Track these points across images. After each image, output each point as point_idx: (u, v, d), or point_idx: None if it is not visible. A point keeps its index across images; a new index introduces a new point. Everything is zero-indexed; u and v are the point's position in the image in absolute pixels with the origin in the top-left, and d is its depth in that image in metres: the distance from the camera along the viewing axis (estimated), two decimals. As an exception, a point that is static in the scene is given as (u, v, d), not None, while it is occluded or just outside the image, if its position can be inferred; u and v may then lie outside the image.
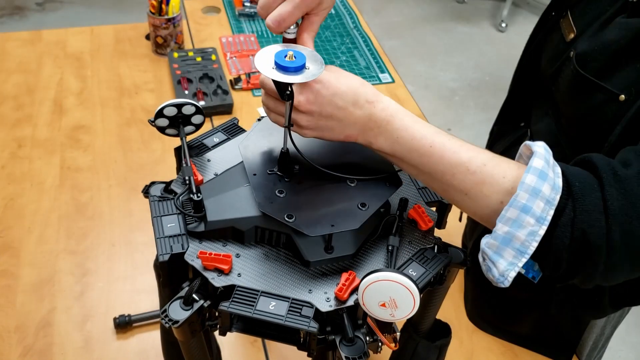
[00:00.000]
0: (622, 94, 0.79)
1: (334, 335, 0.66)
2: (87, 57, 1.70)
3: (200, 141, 0.82)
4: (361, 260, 0.71)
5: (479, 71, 3.53)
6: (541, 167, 0.62)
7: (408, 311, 0.62)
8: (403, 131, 0.69)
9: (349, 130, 0.70)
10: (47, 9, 3.66)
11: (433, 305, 0.81)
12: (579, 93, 0.86)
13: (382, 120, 0.69)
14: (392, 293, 0.60)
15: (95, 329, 1.08)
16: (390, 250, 0.71)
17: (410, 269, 0.69)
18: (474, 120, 3.17)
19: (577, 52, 0.87)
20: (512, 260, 0.64)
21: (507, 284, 0.65)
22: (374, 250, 0.72)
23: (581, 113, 0.87)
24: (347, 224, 0.69)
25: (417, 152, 0.68)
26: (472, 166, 0.66)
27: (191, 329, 0.66)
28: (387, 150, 0.71)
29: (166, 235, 0.69)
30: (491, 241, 0.65)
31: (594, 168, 0.65)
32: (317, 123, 0.69)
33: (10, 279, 1.14)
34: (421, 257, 0.71)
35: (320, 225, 0.68)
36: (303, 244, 0.69)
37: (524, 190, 0.61)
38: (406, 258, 0.71)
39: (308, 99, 0.67)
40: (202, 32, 1.82)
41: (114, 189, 1.34)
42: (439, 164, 0.67)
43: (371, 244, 0.73)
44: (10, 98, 1.54)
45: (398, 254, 0.72)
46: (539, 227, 0.62)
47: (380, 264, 0.71)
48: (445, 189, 0.69)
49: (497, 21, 3.90)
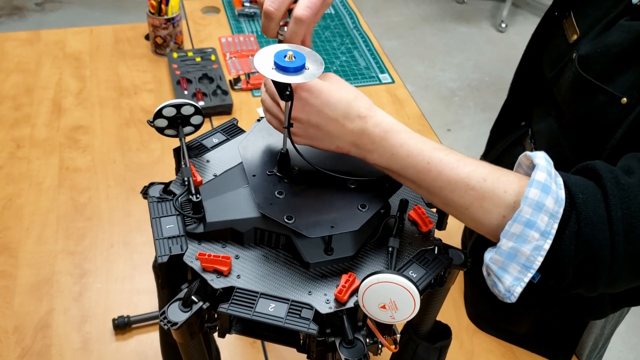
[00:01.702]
0: (624, 97, 0.79)
1: (333, 337, 0.66)
2: (86, 57, 1.70)
3: (199, 142, 0.82)
4: (361, 262, 0.70)
5: (478, 71, 3.52)
6: (544, 181, 0.62)
7: (408, 313, 0.61)
8: (398, 148, 0.67)
9: (339, 143, 0.69)
10: (46, 9, 3.65)
11: (433, 307, 0.81)
12: (581, 95, 0.86)
13: (376, 137, 0.67)
14: (392, 295, 0.60)
15: (94, 330, 1.08)
16: (390, 251, 0.71)
17: (411, 271, 0.69)
18: (473, 121, 3.17)
19: (580, 54, 0.86)
20: (518, 275, 0.63)
21: (514, 300, 0.64)
22: (374, 252, 0.72)
23: (583, 115, 0.86)
24: (347, 226, 0.69)
25: (414, 169, 0.67)
26: (471, 181, 0.65)
27: (190, 331, 0.66)
28: (382, 165, 0.70)
29: (165, 236, 0.69)
30: (495, 256, 0.64)
31: (597, 177, 0.65)
32: (305, 130, 0.68)
33: (9, 280, 1.14)
34: (421, 259, 0.70)
35: (319, 226, 0.68)
36: (303, 245, 0.68)
37: (528, 205, 0.61)
38: (406, 260, 0.71)
39: (295, 106, 0.66)
40: (201, 33, 1.82)
41: (113, 190, 1.33)
42: (437, 180, 0.66)
43: (371, 246, 0.73)
44: (9, 98, 1.54)
45: (398, 255, 0.71)
46: (544, 242, 0.62)
47: (380, 266, 0.71)
48: (445, 203, 0.68)
49: (497, 21, 3.90)
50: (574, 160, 0.87)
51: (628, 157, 0.69)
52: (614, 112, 0.80)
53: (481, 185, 0.65)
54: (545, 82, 1.00)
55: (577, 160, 0.87)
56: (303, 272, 0.69)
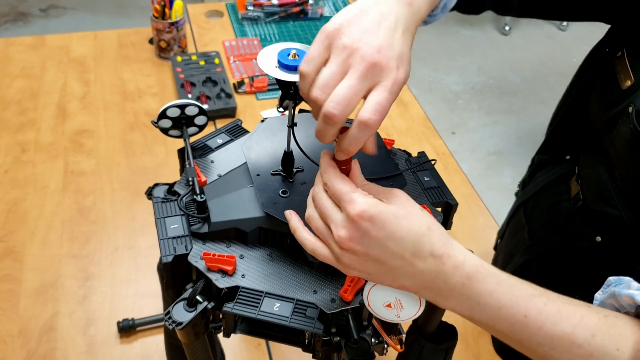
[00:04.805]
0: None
1: (339, 336, 0.65)
2: (91, 62, 1.71)
3: (203, 142, 0.82)
4: (366, 261, 0.70)
5: (482, 75, 3.52)
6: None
7: (414, 312, 0.61)
8: (487, 297, 0.55)
9: (404, 281, 0.56)
10: (50, 15, 3.67)
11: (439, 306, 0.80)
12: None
13: (456, 283, 0.55)
14: (398, 293, 0.59)
15: (99, 334, 1.08)
16: (396, 251, 0.70)
17: (416, 270, 0.68)
18: (478, 124, 3.16)
19: (637, 108, 0.74)
20: None
21: None
22: (379, 251, 0.72)
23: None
24: (352, 225, 0.68)
25: (506, 322, 0.56)
26: (578, 338, 0.55)
27: (195, 331, 0.66)
28: (462, 314, 0.58)
29: (169, 236, 0.69)
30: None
31: None
32: (362, 265, 0.55)
33: (14, 284, 1.14)
34: (427, 258, 0.70)
35: (324, 225, 0.68)
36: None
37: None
38: (412, 259, 0.70)
39: (352, 236, 0.53)
40: (205, 36, 1.82)
41: (117, 193, 1.33)
42: (536, 335, 0.56)
43: (376, 245, 0.72)
44: (14, 103, 1.54)
45: (403, 254, 0.71)
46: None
47: (385, 265, 0.70)
48: (540, 357, 0.58)
49: (501, 25, 3.90)
50: (627, 219, 0.82)
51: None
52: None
53: (589, 342, 0.55)
54: (595, 125, 0.88)
55: (631, 220, 0.81)
56: (308, 272, 0.68)
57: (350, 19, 0.55)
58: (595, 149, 0.90)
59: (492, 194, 2.67)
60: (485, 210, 1.38)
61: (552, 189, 1.02)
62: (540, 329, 0.55)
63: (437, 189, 0.77)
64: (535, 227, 1.04)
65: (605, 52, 0.89)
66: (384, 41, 0.53)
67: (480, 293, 0.55)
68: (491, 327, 0.58)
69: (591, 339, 0.55)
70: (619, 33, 0.87)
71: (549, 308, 0.56)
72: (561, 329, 0.55)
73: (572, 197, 0.95)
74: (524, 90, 3.42)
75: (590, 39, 0.96)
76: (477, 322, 0.58)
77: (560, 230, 0.97)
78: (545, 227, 1.00)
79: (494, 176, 2.86)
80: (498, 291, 0.55)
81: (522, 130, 3.14)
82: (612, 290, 0.59)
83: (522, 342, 0.57)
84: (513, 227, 1.13)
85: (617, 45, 0.84)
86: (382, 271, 0.56)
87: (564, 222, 0.96)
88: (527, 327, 0.56)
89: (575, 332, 0.55)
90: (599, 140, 0.87)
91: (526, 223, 1.07)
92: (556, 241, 0.98)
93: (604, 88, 0.85)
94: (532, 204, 1.07)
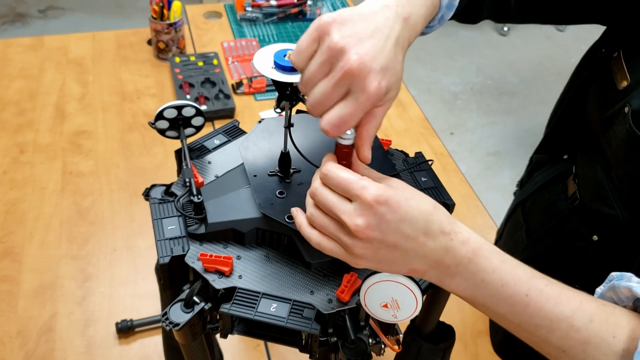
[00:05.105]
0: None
1: (336, 337, 0.65)
2: (89, 63, 1.71)
3: (200, 143, 0.82)
4: (363, 262, 0.70)
5: (481, 75, 3.52)
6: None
7: (410, 312, 0.61)
8: (491, 274, 0.56)
9: (416, 264, 0.56)
10: (48, 16, 3.67)
11: (436, 306, 0.80)
12: (635, 154, 0.76)
13: (463, 258, 0.56)
14: (394, 294, 0.59)
15: (97, 334, 1.08)
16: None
17: (413, 270, 0.68)
18: (476, 124, 3.17)
19: (633, 108, 0.74)
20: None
21: None
22: (376, 252, 0.72)
23: (636, 175, 0.78)
24: (349, 225, 0.68)
25: (507, 301, 0.56)
26: (576, 322, 0.55)
27: (192, 332, 0.66)
28: (463, 295, 0.58)
29: (167, 237, 0.69)
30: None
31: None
32: (376, 253, 0.55)
33: (12, 284, 1.14)
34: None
35: (321, 226, 0.68)
36: (304, 245, 0.68)
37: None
38: (408, 259, 0.70)
39: (370, 223, 0.53)
40: (203, 37, 1.82)
41: (116, 194, 1.34)
42: (535, 316, 0.56)
43: (373, 245, 0.72)
44: (12, 104, 1.54)
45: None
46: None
47: (382, 266, 0.70)
48: (536, 342, 0.58)
49: (500, 25, 3.89)
50: (623, 219, 0.83)
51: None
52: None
53: (587, 327, 0.55)
54: (592, 125, 0.89)
55: (627, 219, 0.82)
56: (305, 272, 0.68)
57: (345, 18, 0.54)
58: (592, 149, 0.90)
59: (491, 194, 2.68)
60: (484, 210, 1.38)
61: (550, 189, 1.02)
62: (540, 310, 0.55)
63: (434, 189, 0.77)
64: (533, 226, 1.05)
65: (601, 53, 0.89)
66: (369, 51, 0.53)
67: (485, 269, 0.56)
68: (492, 310, 0.58)
69: (589, 324, 0.55)
70: (615, 34, 0.87)
71: (550, 289, 0.56)
72: (561, 311, 0.55)
73: (569, 196, 0.96)
74: (523, 90, 3.43)
75: (588, 39, 0.97)
76: (479, 303, 0.58)
77: (557, 229, 0.97)
78: (543, 227, 1.01)
79: (493, 176, 2.86)
80: (502, 268, 0.56)
81: (521, 131, 3.14)
82: (612, 284, 0.59)
83: (521, 324, 0.57)
84: (511, 226, 1.13)
85: (614, 46, 0.84)
86: (395, 256, 0.55)
87: (561, 221, 0.96)
88: (528, 308, 0.56)
89: (574, 316, 0.55)
90: (595, 140, 0.88)
91: (524, 222, 1.07)
92: (553, 240, 0.98)
93: (601, 88, 0.86)
94: (529, 203, 1.07)
